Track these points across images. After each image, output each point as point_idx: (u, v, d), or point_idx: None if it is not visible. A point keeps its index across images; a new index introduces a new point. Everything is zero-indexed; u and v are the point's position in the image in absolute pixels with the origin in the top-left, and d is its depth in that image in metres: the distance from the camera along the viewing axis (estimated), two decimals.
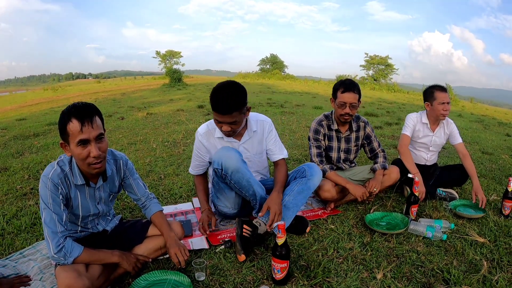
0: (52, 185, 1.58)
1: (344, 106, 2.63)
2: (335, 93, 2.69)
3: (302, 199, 2.26)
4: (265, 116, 2.49)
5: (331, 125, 2.81)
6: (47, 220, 1.57)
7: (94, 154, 1.55)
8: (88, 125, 1.52)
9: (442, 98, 3.05)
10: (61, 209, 1.61)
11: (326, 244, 2.22)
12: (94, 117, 1.56)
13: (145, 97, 13.04)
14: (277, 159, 2.46)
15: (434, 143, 3.26)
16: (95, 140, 1.56)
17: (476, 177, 3.00)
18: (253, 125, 2.37)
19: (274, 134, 2.48)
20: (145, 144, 4.89)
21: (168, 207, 2.75)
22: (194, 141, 2.43)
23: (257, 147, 2.44)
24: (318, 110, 9.35)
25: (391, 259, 2.09)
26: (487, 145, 6.14)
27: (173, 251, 1.81)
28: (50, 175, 1.59)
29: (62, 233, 1.58)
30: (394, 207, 2.89)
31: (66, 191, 1.65)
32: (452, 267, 1.98)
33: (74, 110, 1.53)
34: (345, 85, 2.64)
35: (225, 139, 2.33)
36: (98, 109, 1.63)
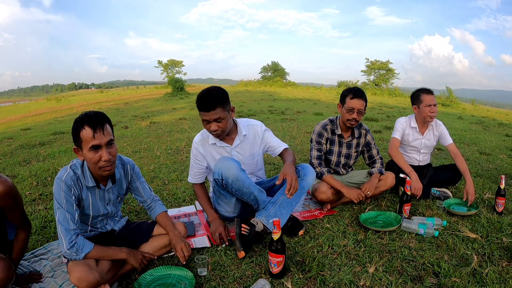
0: (66, 187, 1.73)
1: (352, 111, 2.76)
2: (343, 98, 2.81)
3: (296, 198, 2.37)
4: (255, 120, 2.62)
5: (335, 129, 2.93)
6: (60, 218, 1.71)
7: (105, 158, 1.70)
8: (99, 132, 1.67)
9: (428, 100, 3.13)
10: (74, 208, 1.75)
11: (322, 242, 2.33)
12: (105, 124, 1.72)
13: (148, 106, 13.21)
14: (280, 151, 2.53)
15: (424, 145, 3.34)
16: (106, 145, 1.71)
17: (468, 175, 3.04)
18: (243, 129, 2.48)
19: (269, 132, 2.59)
20: (149, 152, 5.02)
21: (172, 210, 2.88)
22: (191, 150, 2.54)
23: (249, 150, 2.54)
24: (319, 117, 9.43)
25: (384, 254, 2.17)
26: (485, 145, 6.13)
27: (179, 246, 1.96)
28: (64, 177, 1.74)
29: (74, 231, 1.72)
30: (389, 206, 2.98)
31: (78, 193, 1.80)
32: (443, 261, 2.05)
33: (87, 118, 1.68)
34: (354, 92, 2.78)
35: (218, 144, 2.44)
36: (108, 117, 1.79)
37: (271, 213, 2.30)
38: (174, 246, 1.99)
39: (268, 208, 2.33)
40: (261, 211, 2.34)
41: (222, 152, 2.49)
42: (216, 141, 2.44)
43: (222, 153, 2.49)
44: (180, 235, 2.05)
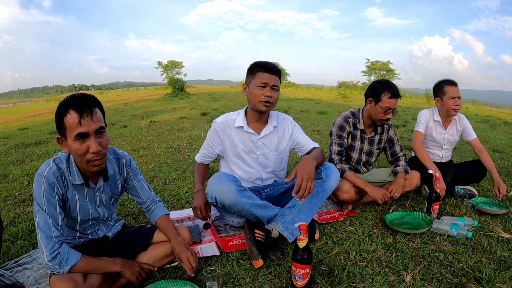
0: (47, 185, 1.43)
1: (388, 111, 2.49)
2: (378, 95, 2.50)
3: (317, 203, 2.09)
4: (286, 115, 2.40)
5: (357, 124, 2.66)
6: (40, 223, 1.42)
7: (94, 150, 1.40)
8: (87, 117, 1.37)
9: (453, 92, 2.92)
10: (57, 211, 1.45)
11: (348, 247, 2.06)
12: (94, 108, 1.41)
13: (147, 107, 13.00)
14: (309, 148, 2.30)
15: (447, 141, 3.15)
16: (95, 134, 1.41)
17: (495, 171, 2.90)
18: (274, 120, 2.27)
19: (298, 127, 2.37)
20: (149, 150, 4.76)
21: (174, 212, 2.59)
22: (209, 132, 2.29)
23: (276, 144, 2.29)
24: (323, 115, 9.30)
25: (418, 260, 1.94)
26: (496, 143, 6.10)
27: (185, 255, 1.63)
28: (45, 173, 1.44)
29: (57, 238, 1.42)
30: (413, 206, 2.76)
31: (63, 192, 1.50)
32: (482, 266, 1.86)
33: (73, 101, 1.37)
34: (393, 91, 2.48)
35: (245, 128, 2.20)
36: (99, 101, 1.47)
37: (288, 219, 2.01)
38: (179, 255, 1.65)
39: (285, 214, 2.04)
40: (278, 217, 2.05)
41: (246, 140, 2.23)
42: (244, 125, 2.20)
43: (245, 141, 2.23)
44: (185, 242, 1.74)
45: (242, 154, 2.25)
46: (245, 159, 2.27)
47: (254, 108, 2.15)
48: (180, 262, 1.65)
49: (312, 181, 1.82)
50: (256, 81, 2.06)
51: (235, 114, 2.27)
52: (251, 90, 2.09)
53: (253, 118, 2.22)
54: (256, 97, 2.07)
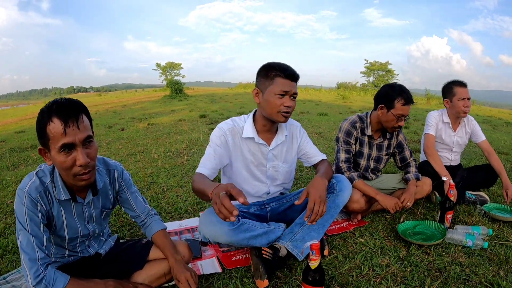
0: (30, 201, 1.28)
1: (401, 118, 2.35)
2: (391, 102, 2.35)
3: (329, 218, 1.93)
4: (294, 120, 2.16)
5: (365, 129, 2.51)
6: (23, 244, 1.27)
7: (81, 162, 1.25)
8: (73, 126, 1.22)
9: (462, 93, 2.82)
10: (41, 230, 1.30)
11: (359, 262, 1.92)
12: (80, 115, 1.26)
13: (146, 109, 12.86)
14: (317, 160, 2.13)
15: (457, 143, 3.04)
16: (82, 144, 1.26)
17: (505, 174, 2.78)
18: (284, 128, 2.05)
19: (307, 135, 2.18)
20: (146, 154, 4.62)
21: (173, 223, 2.43)
22: (213, 135, 1.95)
23: (285, 155, 2.10)
24: (324, 117, 9.18)
25: (434, 274, 1.81)
26: (500, 145, 6.04)
27: (184, 277, 1.48)
28: (27, 188, 1.29)
29: (42, 261, 1.28)
30: (424, 214, 2.62)
31: (47, 208, 1.35)
32: (500, 279, 1.76)
33: (56, 107, 1.22)
34: (408, 96, 2.33)
35: (256, 139, 1.95)
36: (85, 106, 1.33)
37: (297, 237, 1.85)
38: (177, 276, 1.50)
39: (294, 231, 1.88)
40: (286, 234, 1.89)
41: (256, 151, 2.00)
42: (254, 135, 1.94)
43: (255, 153, 2.00)
44: (184, 260, 1.59)
45: (251, 167, 2.03)
46: (254, 172, 2.05)
47: (269, 118, 1.88)
48: (178, 283, 1.50)
49: (325, 204, 1.69)
50: (275, 88, 1.78)
51: (241, 121, 2.01)
52: (268, 97, 1.80)
53: (264, 127, 1.97)
54: (275, 107, 1.80)
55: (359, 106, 14.04)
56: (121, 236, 2.18)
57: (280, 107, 1.79)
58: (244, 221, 1.81)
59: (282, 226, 1.94)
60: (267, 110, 1.84)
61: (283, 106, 1.79)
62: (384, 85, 2.51)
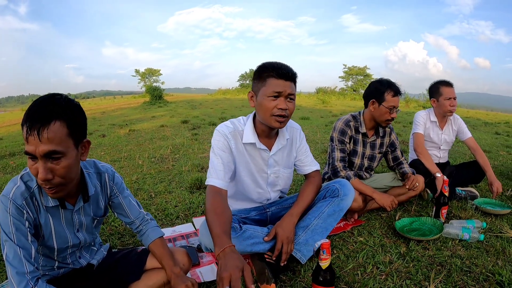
0: (15, 208, 1.15)
1: (393, 110, 2.36)
2: (381, 95, 2.36)
3: (332, 222, 1.88)
4: (294, 122, 2.02)
5: (359, 127, 2.49)
6: (10, 256, 1.13)
7: (39, 178, 1.10)
8: (34, 135, 1.05)
9: (449, 93, 2.88)
10: (29, 241, 1.16)
11: (362, 260, 1.89)
12: (48, 124, 1.07)
13: (126, 115, 12.62)
14: (310, 170, 2.03)
15: (445, 141, 3.11)
16: (45, 158, 1.09)
17: (490, 169, 2.86)
18: (285, 131, 1.90)
19: (305, 143, 2.06)
20: (130, 160, 4.48)
21: (166, 230, 2.31)
22: (214, 140, 1.79)
23: (286, 159, 1.97)
24: (306, 121, 9.26)
25: (436, 268, 1.83)
26: (481, 143, 6.19)
27: (185, 285, 1.34)
28: (11, 194, 1.16)
29: (31, 274, 1.14)
30: (418, 211, 2.64)
31: (34, 216, 1.21)
32: (500, 268, 1.80)
33: (29, 109, 1.08)
34: (396, 88, 2.36)
35: (258, 144, 1.81)
36: (69, 110, 1.13)
37: (301, 240, 1.80)
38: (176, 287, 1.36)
39: (298, 234, 1.82)
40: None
41: (257, 157, 1.86)
42: (255, 140, 1.79)
43: (256, 159, 1.86)
44: (184, 268, 1.47)
45: (254, 174, 1.90)
46: (257, 179, 1.92)
47: (264, 123, 1.75)
48: None
49: (292, 243, 1.74)
50: (266, 89, 1.63)
51: (241, 124, 1.84)
52: (261, 100, 1.66)
53: (263, 132, 1.82)
54: (267, 110, 1.65)
55: (340, 110, 14.18)
56: (112, 246, 2.06)
57: (273, 110, 1.64)
58: (246, 228, 1.74)
59: None
60: (261, 114, 1.71)
61: (277, 109, 1.64)
62: (372, 81, 2.53)
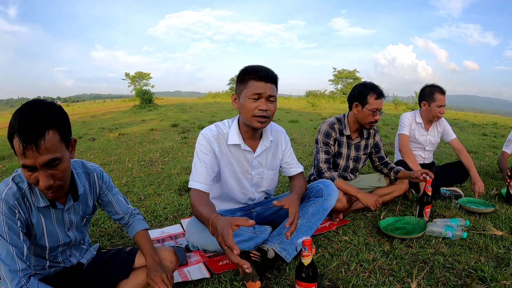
0: (7, 208, 1.18)
1: (376, 112, 2.42)
2: (364, 98, 2.42)
3: (316, 221, 1.94)
4: (278, 125, 2.09)
5: (343, 130, 2.56)
6: (2, 255, 1.16)
7: (42, 186, 1.15)
8: (31, 149, 1.07)
9: (441, 100, 2.97)
10: (21, 239, 1.20)
11: (346, 258, 1.94)
12: (43, 135, 1.09)
13: (116, 119, 12.59)
14: (295, 173, 2.09)
15: (430, 142, 3.20)
16: (43, 167, 1.12)
17: (474, 169, 2.94)
18: (269, 133, 1.95)
19: (290, 145, 2.12)
20: (120, 164, 4.49)
21: (154, 231, 2.35)
22: (198, 144, 1.84)
23: (271, 161, 2.02)
24: (295, 124, 9.35)
25: (419, 265, 1.88)
26: (468, 144, 6.32)
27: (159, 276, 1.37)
28: (3, 195, 1.19)
29: (24, 272, 1.17)
30: (403, 210, 2.70)
31: (26, 216, 1.25)
32: (482, 265, 1.85)
33: (19, 122, 1.08)
34: (378, 91, 2.44)
35: (242, 146, 1.86)
36: (57, 116, 1.14)
37: (285, 239, 1.84)
38: (151, 276, 1.39)
39: (282, 233, 1.86)
40: (274, 236, 1.87)
41: (241, 159, 1.91)
42: (240, 142, 1.84)
43: (241, 160, 1.91)
44: (171, 266, 1.52)
45: (238, 175, 1.95)
46: (241, 180, 1.97)
47: (247, 124, 1.81)
48: (153, 284, 1.37)
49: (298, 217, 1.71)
50: (247, 91, 1.70)
51: (225, 127, 1.90)
52: (243, 102, 1.72)
53: (247, 133, 1.87)
54: (249, 111, 1.71)
55: (329, 113, 14.31)
56: (102, 247, 2.08)
57: (254, 111, 1.71)
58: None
59: (268, 229, 1.93)
60: (243, 115, 1.77)
61: (258, 109, 1.70)
62: (356, 85, 2.59)
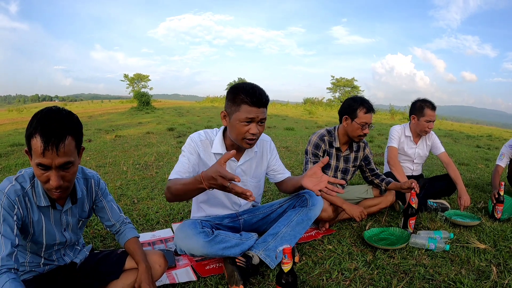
0: (8, 202, 1.27)
1: (365, 126, 2.50)
2: (353, 112, 2.50)
3: (301, 230, 2.01)
4: (265, 134, 2.14)
5: (333, 142, 2.63)
6: None
7: (52, 185, 1.25)
8: (52, 150, 1.19)
9: (431, 116, 3.05)
10: (14, 233, 1.25)
11: (329, 267, 2.00)
12: (64, 139, 1.22)
13: (112, 120, 12.60)
14: (283, 177, 2.17)
15: (418, 155, 3.27)
16: (59, 168, 1.24)
17: (460, 183, 2.99)
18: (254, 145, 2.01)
19: (276, 152, 2.20)
20: (115, 166, 4.54)
21: (145, 234, 2.41)
22: (186, 145, 1.94)
23: (255, 170, 2.10)
24: (290, 132, 9.37)
25: (400, 275, 1.93)
26: (461, 156, 6.37)
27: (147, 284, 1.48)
28: (6, 189, 1.28)
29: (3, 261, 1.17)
30: (389, 221, 2.76)
31: (24, 214, 1.33)
32: (462, 277, 1.89)
33: (41, 126, 1.19)
34: (368, 105, 2.51)
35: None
36: (76, 125, 1.28)
37: (270, 246, 1.91)
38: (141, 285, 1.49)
39: (267, 240, 1.94)
40: (259, 243, 1.94)
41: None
42: (223, 151, 1.91)
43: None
44: (160, 269, 1.61)
45: None
46: None
47: (235, 143, 1.88)
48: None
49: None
50: (240, 114, 1.74)
51: (213, 134, 1.99)
52: (233, 123, 1.78)
53: (233, 145, 1.94)
54: (240, 134, 1.78)
55: (325, 121, 14.41)
56: (95, 247, 2.14)
57: (245, 134, 1.78)
58: (218, 233, 1.85)
59: (254, 236, 2.00)
60: (233, 135, 1.83)
61: (249, 133, 1.77)
62: (347, 98, 2.67)
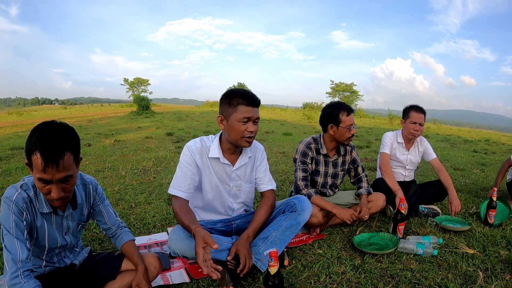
0: (17, 209, 1.37)
1: (351, 128, 2.58)
2: (335, 118, 2.57)
3: (290, 235, 2.10)
4: (258, 143, 2.29)
5: (319, 149, 2.71)
6: (8, 245, 1.34)
7: (53, 197, 1.34)
8: (52, 167, 1.27)
9: (415, 118, 3.12)
10: (24, 236, 1.37)
11: (317, 270, 2.07)
12: (63, 156, 1.28)
13: (112, 124, 12.68)
14: (265, 189, 2.26)
15: (410, 161, 3.33)
16: (58, 182, 1.33)
17: (452, 187, 3.05)
18: (248, 150, 2.16)
19: (265, 163, 2.30)
20: (114, 171, 4.61)
21: (142, 237, 2.50)
22: (182, 155, 2.07)
23: (249, 175, 2.22)
24: (288, 137, 9.40)
25: (386, 279, 1.99)
26: (457, 161, 6.39)
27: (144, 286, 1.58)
28: (14, 197, 1.38)
29: (22, 263, 1.32)
30: (379, 226, 2.82)
31: (31, 219, 1.43)
32: (449, 281, 1.94)
33: (41, 141, 1.26)
34: (347, 108, 2.60)
35: (222, 159, 2.06)
36: (73, 139, 1.36)
37: (260, 250, 2.00)
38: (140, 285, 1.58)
39: (258, 244, 2.03)
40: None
41: (221, 171, 2.11)
42: (219, 155, 2.05)
43: (220, 173, 2.11)
44: (155, 271, 1.70)
45: (218, 185, 2.13)
46: (220, 190, 2.15)
47: (234, 143, 2.02)
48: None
49: (251, 258, 1.91)
50: (238, 115, 1.89)
51: (209, 141, 2.11)
52: (232, 124, 1.92)
53: (229, 150, 2.08)
54: (239, 133, 1.92)
55: None
56: (93, 250, 2.22)
57: (244, 132, 1.92)
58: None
59: None
60: (232, 136, 1.96)
61: (247, 131, 1.91)
62: (323, 108, 2.72)
